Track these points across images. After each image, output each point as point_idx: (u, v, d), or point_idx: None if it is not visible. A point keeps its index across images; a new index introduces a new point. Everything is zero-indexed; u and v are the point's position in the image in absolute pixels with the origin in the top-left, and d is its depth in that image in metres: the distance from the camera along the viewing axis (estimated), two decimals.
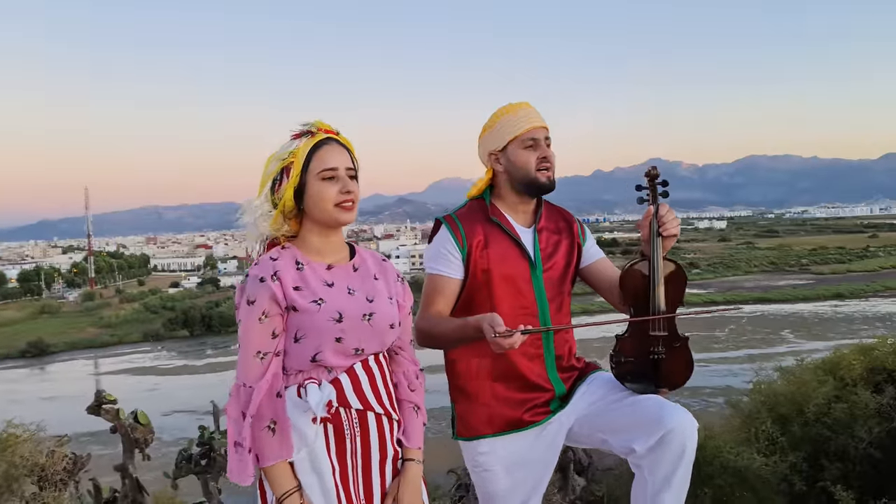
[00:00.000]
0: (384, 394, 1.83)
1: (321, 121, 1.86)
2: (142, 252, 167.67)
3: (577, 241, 2.37)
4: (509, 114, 2.27)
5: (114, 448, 5.78)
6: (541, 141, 2.25)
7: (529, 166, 2.24)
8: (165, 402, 32.27)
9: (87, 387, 32.35)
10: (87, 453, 4.15)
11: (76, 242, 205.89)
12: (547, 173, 2.25)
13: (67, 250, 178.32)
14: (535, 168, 2.24)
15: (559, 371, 2.26)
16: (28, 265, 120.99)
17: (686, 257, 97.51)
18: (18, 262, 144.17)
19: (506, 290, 2.21)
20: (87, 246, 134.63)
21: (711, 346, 43.15)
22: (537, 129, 2.24)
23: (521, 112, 2.26)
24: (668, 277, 2.16)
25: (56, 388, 41.74)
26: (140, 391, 37.05)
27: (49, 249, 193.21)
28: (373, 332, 1.80)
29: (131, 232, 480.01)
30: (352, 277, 1.85)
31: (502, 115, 2.28)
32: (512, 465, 2.23)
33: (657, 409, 2.04)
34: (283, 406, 1.70)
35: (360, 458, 1.77)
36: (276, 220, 1.82)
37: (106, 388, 5.55)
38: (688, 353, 2.18)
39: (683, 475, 2.02)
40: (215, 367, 50.49)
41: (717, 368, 35.75)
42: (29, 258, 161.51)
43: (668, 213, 2.12)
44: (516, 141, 2.25)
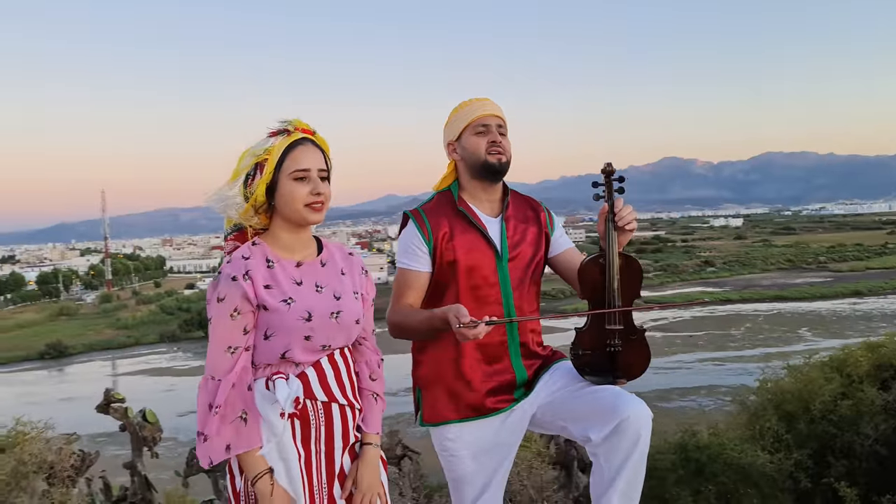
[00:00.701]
0: (348, 385, 1.91)
1: (299, 120, 1.90)
2: (158, 254, 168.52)
3: (544, 230, 2.42)
4: (465, 106, 2.35)
5: (129, 448, 5.87)
6: (492, 127, 2.31)
7: (480, 150, 2.29)
8: (181, 403, 32.46)
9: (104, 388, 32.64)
10: (96, 451, 4.23)
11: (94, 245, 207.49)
12: (498, 156, 2.30)
13: (85, 253, 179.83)
14: (485, 151, 2.29)
15: (523, 358, 2.31)
16: (46, 268, 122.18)
17: (701, 255, 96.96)
18: (37, 265, 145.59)
19: (471, 279, 2.26)
20: (105, 248, 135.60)
21: (727, 345, 42.91)
22: (488, 117, 2.31)
23: (475, 103, 2.34)
24: (623, 272, 2.20)
25: (74, 389, 42.13)
26: (156, 392, 37.37)
27: (67, 252, 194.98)
28: (339, 329, 1.86)
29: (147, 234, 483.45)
30: (319, 273, 1.90)
31: (459, 108, 2.36)
32: (478, 451, 2.29)
33: (613, 398, 2.09)
34: (253, 398, 1.77)
35: (324, 445, 1.85)
36: (247, 212, 1.87)
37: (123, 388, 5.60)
38: (644, 345, 2.23)
39: (637, 463, 2.07)
40: None
41: (732, 367, 35.55)
42: (47, 261, 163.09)
43: (624, 209, 2.17)
44: (469, 128, 2.32)
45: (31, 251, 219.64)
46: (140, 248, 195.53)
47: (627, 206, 2.17)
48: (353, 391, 1.93)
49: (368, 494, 1.89)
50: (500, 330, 2.28)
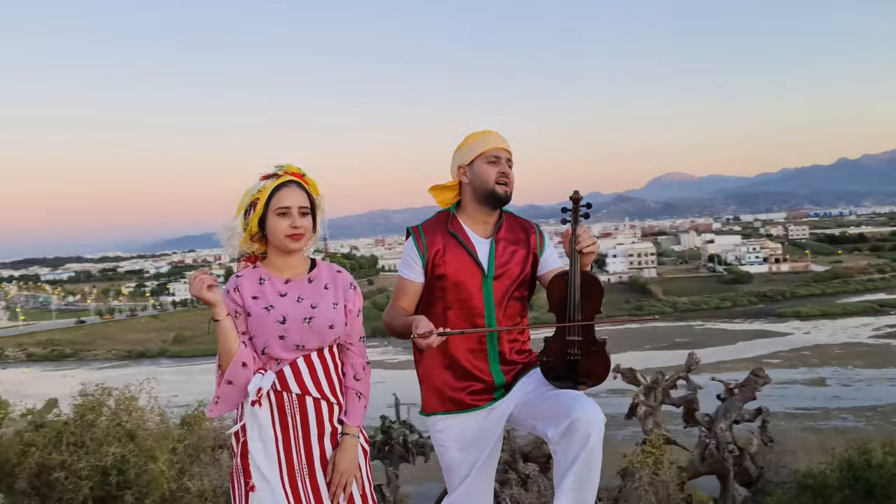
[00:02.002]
0: (324, 382, 2.28)
1: (291, 164, 2.35)
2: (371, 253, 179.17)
3: (532, 251, 2.67)
4: (480, 136, 2.63)
5: None
6: (502, 159, 2.59)
7: (490, 179, 2.57)
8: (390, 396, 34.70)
9: None
10: None
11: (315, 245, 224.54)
12: (504, 187, 2.58)
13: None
14: (494, 181, 2.57)
15: (501, 364, 2.60)
16: None
17: None
18: None
19: (457, 293, 2.57)
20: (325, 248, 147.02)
21: None
22: (500, 150, 2.60)
23: (490, 135, 2.63)
24: (584, 289, 2.45)
25: None
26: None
27: None
28: (312, 332, 2.25)
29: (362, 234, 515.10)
30: (304, 288, 2.31)
31: (474, 137, 2.64)
32: (463, 442, 2.61)
33: (569, 401, 2.35)
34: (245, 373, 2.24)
35: (301, 431, 2.24)
36: (245, 240, 2.33)
37: None
38: (604, 355, 2.47)
39: (587, 459, 2.29)
40: None
41: None
42: None
43: (584, 234, 2.43)
44: (482, 156, 2.59)
45: None
46: (356, 248, 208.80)
47: (588, 232, 2.44)
48: (332, 388, 2.30)
49: (344, 476, 2.25)
50: (481, 340, 2.57)
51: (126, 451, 4.41)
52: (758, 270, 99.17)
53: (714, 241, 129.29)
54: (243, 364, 2.21)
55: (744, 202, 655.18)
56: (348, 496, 2.28)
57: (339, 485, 2.25)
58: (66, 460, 4.31)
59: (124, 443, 4.45)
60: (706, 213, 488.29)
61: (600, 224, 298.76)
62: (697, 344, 56.23)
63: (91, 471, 4.32)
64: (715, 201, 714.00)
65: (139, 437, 4.50)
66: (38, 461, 4.35)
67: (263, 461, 2.22)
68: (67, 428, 4.48)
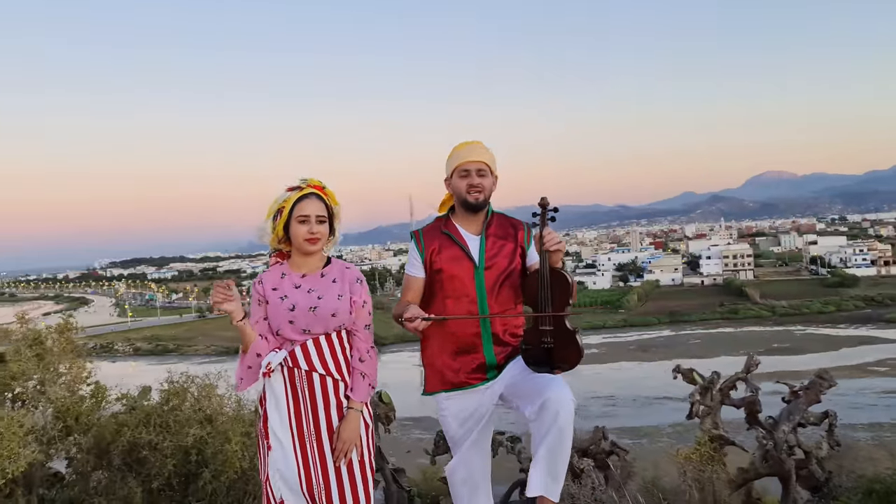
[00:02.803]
0: (330, 361, 2.69)
1: (314, 178, 2.76)
2: None
3: (520, 245, 3.00)
4: (455, 152, 2.99)
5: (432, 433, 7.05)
6: (472, 172, 2.92)
7: (461, 190, 2.94)
8: None
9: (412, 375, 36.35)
10: None
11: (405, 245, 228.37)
12: (475, 196, 2.92)
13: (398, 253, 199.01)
14: (465, 192, 2.93)
15: (495, 345, 2.94)
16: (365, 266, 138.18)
17: None
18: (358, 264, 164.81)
19: (454, 285, 2.92)
20: None
21: None
22: (470, 163, 2.93)
23: (462, 150, 2.97)
24: (554, 284, 2.76)
25: (386, 376, 47.28)
26: None
27: (383, 252, 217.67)
28: (316, 319, 2.67)
29: None
30: (316, 282, 2.74)
31: (452, 152, 3.00)
32: (462, 417, 2.98)
33: (543, 383, 2.71)
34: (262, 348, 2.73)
35: (310, 403, 2.67)
36: (273, 240, 2.77)
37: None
38: (575, 343, 2.75)
39: (557, 434, 2.61)
40: None
41: None
42: (367, 260, 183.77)
43: (548, 235, 2.76)
44: (456, 171, 2.96)
45: (355, 251, 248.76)
46: None
47: (553, 234, 2.76)
48: (337, 367, 2.71)
49: (347, 444, 2.64)
50: (475, 324, 2.90)
51: (205, 433, 4.83)
52: (865, 273, 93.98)
53: (817, 242, 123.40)
54: (258, 354, 2.68)
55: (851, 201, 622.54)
56: (349, 461, 2.67)
57: (341, 451, 2.65)
58: (153, 440, 4.75)
59: (203, 425, 4.87)
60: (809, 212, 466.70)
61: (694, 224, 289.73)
62: (797, 350, 54.09)
63: (174, 450, 4.76)
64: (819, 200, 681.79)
65: (217, 421, 4.92)
66: (130, 440, 4.81)
67: (278, 426, 2.67)
68: (155, 410, 4.94)
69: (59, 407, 4.85)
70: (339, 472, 2.65)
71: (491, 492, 3.12)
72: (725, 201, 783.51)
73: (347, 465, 2.67)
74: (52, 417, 4.80)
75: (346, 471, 2.66)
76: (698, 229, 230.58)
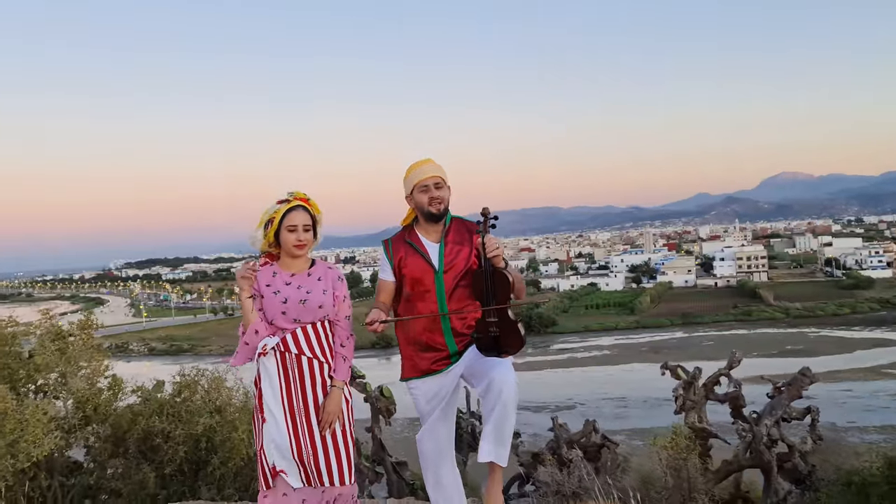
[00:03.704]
0: (316, 346, 3.12)
1: (299, 191, 3.17)
2: None
3: (475, 247, 3.33)
4: (412, 170, 3.35)
5: None
6: (430, 186, 3.29)
7: (423, 204, 3.30)
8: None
9: None
10: None
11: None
12: (437, 206, 3.28)
13: None
14: (427, 204, 3.29)
15: (454, 336, 3.32)
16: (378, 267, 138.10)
17: None
18: (371, 265, 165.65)
19: (417, 287, 3.31)
20: None
21: None
22: (427, 179, 3.29)
23: (417, 169, 3.33)
24: (496, 282, 3.13)
25: (396, 374, 47.48)
26: None
27: None
28: (305, 310, 3.10)
29: None
30: (303, 280, 3.17)
31: (409, 172, 3.36)
32: (430, 397, 3.38)
33: (490, 365, 3.14)
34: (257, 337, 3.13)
35: (299, 382, 3.08)
36: (264, 245, 3.18)
37: None
38: (517, 331, 3.09)
39: (501, 409, 3.06)
40: (532, 365, 53.41)
41: None
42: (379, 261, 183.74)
43: (489, 241, 3.12)
44: (416, 188, 3.31)
45: (368, 252, 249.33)
46: None
47: (491, 240, 3.13)
48: (322, 351, 3.14)
49: (331, 416, 3.07)
50: (436, 321, 3.28)
51: (213, 423, 5.15)
52: (880, 275, 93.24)
53: (832, 243, 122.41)
54: (256, 331, 3.08)
55: (867, 203, 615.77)
56: (332, 431, 3.11)
57: (326, 422, 3.09)
58: (166, 428, 5.08)
59: (212, 415, 5.20)
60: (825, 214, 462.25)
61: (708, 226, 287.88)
62: (811, 352, 53.72)
63: (185, 438, 5.09)
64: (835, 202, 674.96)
65: (225, 411, 5.24)
66: (144, 429, 5.14)
67: (272, 402, 3.08)
68: (168, 401, 5.27)
69: (79, 398, 5.19)
70: (324, 441, 3.06)
71: (455, 460, 3.49)
72: (740, 203, 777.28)
73: (332, 434, 3.09)
74: (73, 407, 5.14)
75: (331, 440, 3.09)
76: (712, 231, 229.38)
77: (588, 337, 71.65)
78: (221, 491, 5.01)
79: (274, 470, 3.04)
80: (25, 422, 4.46)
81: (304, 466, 3.04)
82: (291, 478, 3.04)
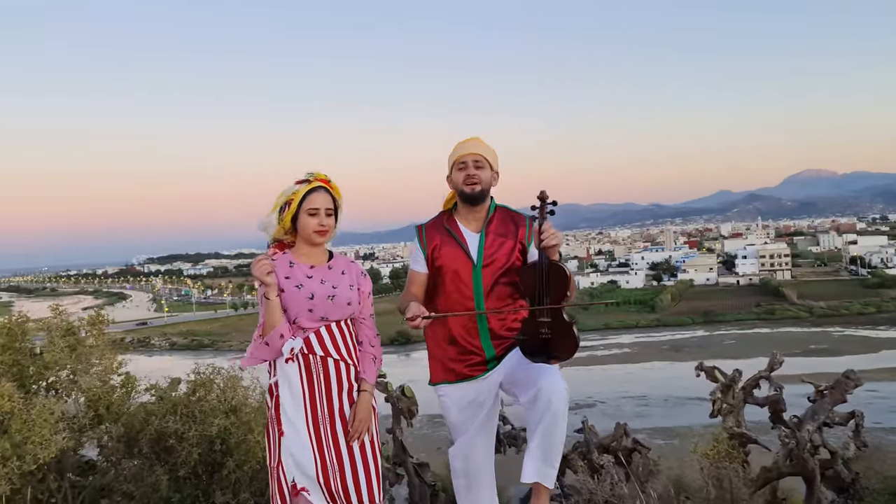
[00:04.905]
0: (343, 347, 2.78)
1: (320, 172, 2.82)
2: None
3: (520, 241, 3.00)
4: (455, 147, 3.02)
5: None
6: (469, 164, 2.95)
7: (459, 182, 2.98)
8: None
9: None
10: None
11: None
12: (471, 186, 2.95)
13: None
14: (462, 183, 2.96)
15: (492, 339, 2.97)
16: (398, 264, 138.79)
17: None
18: (391, 261, 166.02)
19: (452, 281, 2.97)
20: None
21: None
22: (466, 156, 2.96)
23: (460, 146, 3.00)
24: (551, 276, 2.77)
25: (416, 371, 47.56)
26: None
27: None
28: (334, 307, 2.77)
29: None
30: (325, 273, 2.82)
31: (452, 150, 3.03)
32: (462, 405, 3.03)
33: (538, 373, 2.75)
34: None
35: (324, 387, 2.74)
36: (279, 231, 2.82)
37: None
38: (571, 334, 2.76)
39: (550, 420, 2.68)
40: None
41: None
42: (399, 258, 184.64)
43: (546, 231, 2.76)
44: (454, 165, 3.00)
45: (387, 249, 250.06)
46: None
47: (549, 229, 2.76)
48: (349, 352, 2.80)
49: (363, 423, 2.75)
50: (472, 320, 2.95)
51: (229, 424, 4.93)
52: None
53: (857, 241, 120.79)
54: (281, 335, 2.72)
55: (893, 200, 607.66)
56: (360, 443, 2.77)
57: (357, 430, 2.74)
58: (180, 429, 4.87)
59: (228, 416, 4.98)
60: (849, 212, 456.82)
61: (730, 224, 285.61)
62: (835, 351, 53.03)
63: (200, 439, 4.87)
64: (860, 199, 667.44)
65: (241, 412, 5.03)
66: (157, 429, 4.93)
67: (293, 411, 2.72)
68: (182, 401, 5.06)
69: (90, 396, 5.01)
70: (351, 454, 2.74)
71: (495, 487, 3.12)
72: (763, 200, 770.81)
73: (360, 446, 2.76)
74: (84, 406, 4.96)
75: (359, 452, 2.76)
76: (734, 228, 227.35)
77: (608, 334, 71.18)
78: (237, 496, 4.80)
79: (294, 488, 2.69)
80: (32, 422, 4.27)
81: (328, 484, 2.70)
82: (314, 496, 2.70)
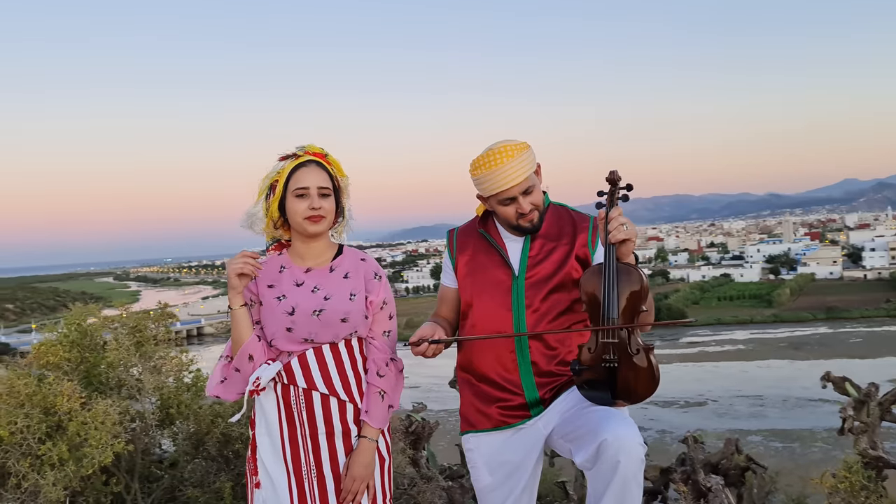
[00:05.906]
0: (335, 378, 2.10)
1: (313, 145, 2.17)
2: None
3: (580, 248, 2.29)
4: (485, 172, 2.24)
5: None
6: (518, 197, 2.24)
7: (510, 218, 2.28)
8: None
9: None
10: (435, 421, 4.89)
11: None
12: (528, 219, 2.27)
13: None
14: (516, 219, 2.28)
15: (536, 376, 2.23)
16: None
17: None
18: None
19: (485, 296, 2.29)
20: None
21: None
22: (511, 189, 2.22)
23: (496, 172, 2.21)
24: (621, 283, 2.06)
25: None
26: None
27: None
28: (321, 325, 2.08)
29: None
30: (323, 278, 2.15)
31: (479, 170, 2.26)
32: (493, 463, 2.29)
33: (599, 419, 2.00)
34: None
35: (308, 429, 2.08)
36: (267, 226, 2.19)
37: None
38: (648, 362, 2.03)
39: (619, 490, 1.93)
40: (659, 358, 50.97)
41: None
42: None
43: (614, 221, 2.04)
44: (494, 198, 2.27)
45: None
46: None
47: (618, 218, 2.04)
48: (345, 385, 2.11)
49: (356, 483, 2.06)
50: (510, 347, 2.24)
51: None
52: None
53: None
54: (250, 357, 2.10)
55: None
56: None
57: (349, 491, 2.07)
58: (244, 433, 4.62)
59: None
60: None
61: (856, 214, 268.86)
62: None
63: None
64: None
65: None
66: (223, 431, 4.69)
67: (270, 457, 2.11)
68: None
69: (161, 396, 4.85)
70: None
71: None
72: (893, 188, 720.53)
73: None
74: (153, 406, 4.81)
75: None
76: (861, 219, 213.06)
77: (720, 330, 68.14)
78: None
79: None
80: (90, 424, 4.10)
81: None
82: None
